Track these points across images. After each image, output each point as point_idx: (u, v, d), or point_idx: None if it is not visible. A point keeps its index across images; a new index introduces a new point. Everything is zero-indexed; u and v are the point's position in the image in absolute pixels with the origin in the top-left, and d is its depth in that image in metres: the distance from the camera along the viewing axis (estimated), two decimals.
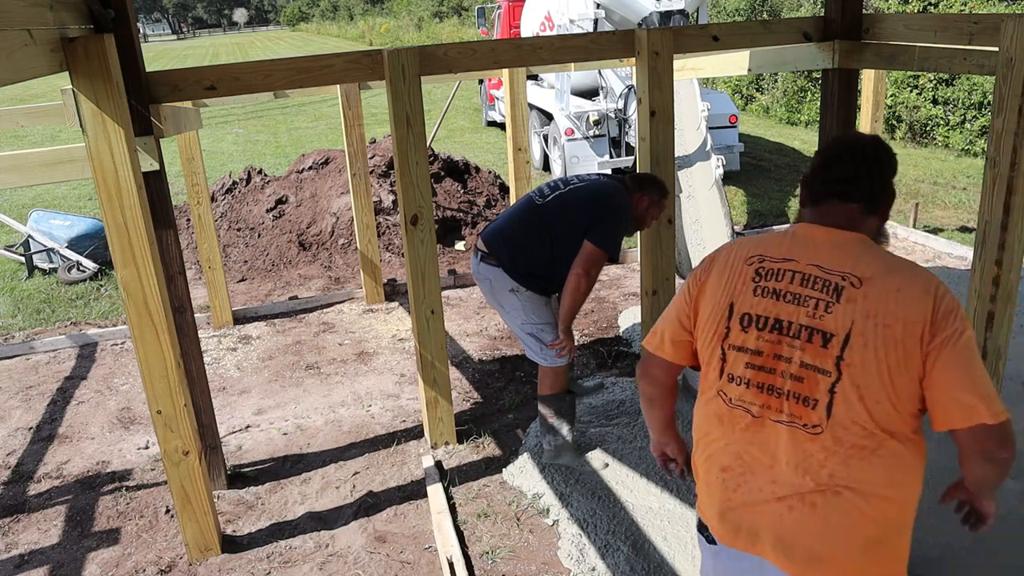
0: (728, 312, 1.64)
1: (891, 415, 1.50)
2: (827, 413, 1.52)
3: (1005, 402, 2.46)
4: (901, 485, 1.57)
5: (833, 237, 1.60)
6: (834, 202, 1.63)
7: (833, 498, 1.54)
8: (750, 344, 1.61)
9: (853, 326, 1.50)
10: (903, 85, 10.62)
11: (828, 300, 1.53)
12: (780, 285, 1.59)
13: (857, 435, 1.51)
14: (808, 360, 1.54)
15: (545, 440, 3.46)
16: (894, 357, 1.47)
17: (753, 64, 4.18)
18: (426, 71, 3.19)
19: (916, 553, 2.74)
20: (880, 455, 1.52)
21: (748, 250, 1.67)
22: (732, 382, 1.64)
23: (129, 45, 2.69)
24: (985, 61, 3.12)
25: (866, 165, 1.63)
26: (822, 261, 1.57)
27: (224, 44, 56.63)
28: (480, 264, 3.28)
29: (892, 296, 1.50)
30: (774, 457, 1.59)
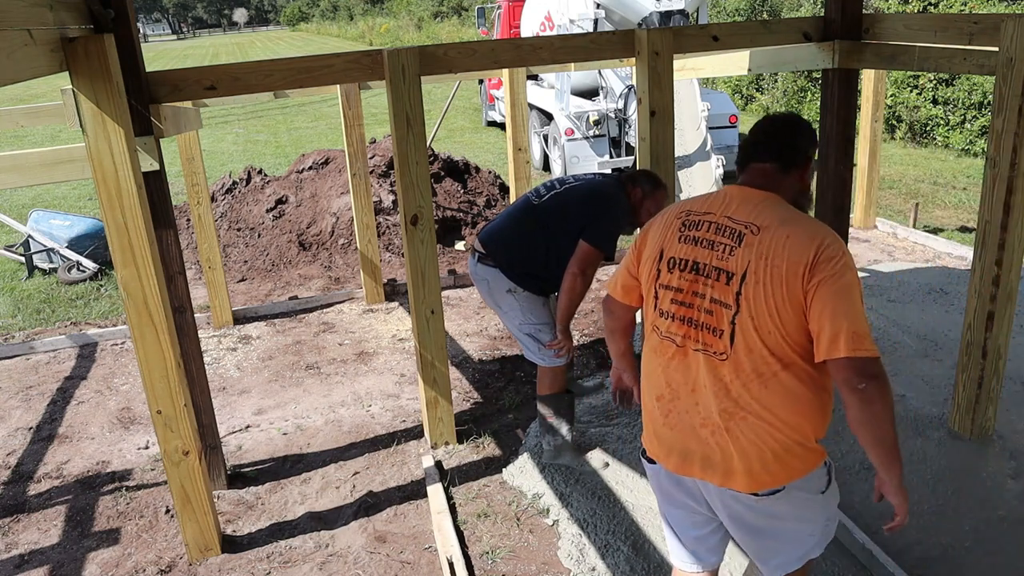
0: (659, 256, 1.93)
1: (780, 345, 1.73)
2: (730, 342, 1.77)
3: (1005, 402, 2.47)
4: (797, 413, 1.78)
5: (747, 194, 1.88)
6: (753, 164, 1.93)
7: (741, 422, 1.79)
8: (674, 283, 1.89)
9: (749, 266, 1.75)
10: (903, 85, 10.62)
11: (732, 245, 1.80)
12: (699, 233, 1.87)
13: (755, 362, 1.75)
14: (716, 296, 1.80)
15: (545, 440, 3.46)
16: (780, 293, 1.71)
17: (753, 64, 4.18)
18: (426, 71, 3.19)
19: (916, 553, 2.75)
20: (776, 382, 1.75)
21: (680, 207, 1.98)
22: (663, 317, 1.92)
23: (129, 45, 2.69)
24: (985, 61, 3.12)
25: (774, 130, 1.95)
26: (733, 213, 1.85)
27: (224, 44, 56.63)
28: (478, 265, 3.28)
29: (782, 242, 1.74)
30: (695, 383, 1.85)
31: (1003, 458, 3.24)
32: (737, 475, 1.81)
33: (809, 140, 1.96)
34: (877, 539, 2.78)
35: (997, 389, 3.31)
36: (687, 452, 1.89)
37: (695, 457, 1.88)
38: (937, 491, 3.08)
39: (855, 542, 2.76)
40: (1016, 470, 3.16)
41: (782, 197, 1.88)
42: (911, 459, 3.27)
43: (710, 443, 1.84)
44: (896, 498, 1.81)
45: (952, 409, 3.45)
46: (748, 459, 1.79)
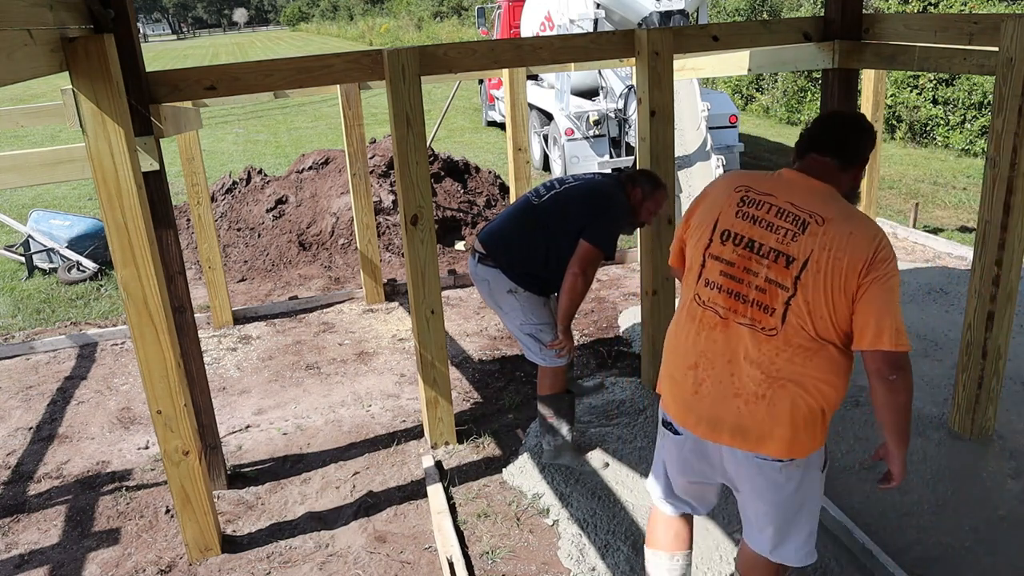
0: (713, 227, 1.99)
1: (828, 329, 1.86)
2: (782, 320, 1.88)
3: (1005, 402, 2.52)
4: (833, 379, 1.92)
5: (809, 183, 1.96)
6: (813, 155, 1.99)
7: (779, 390, 1.90)
8: (726, 255, 1.96)
9: (811, 254, 1.85)
10: (903, 85, 10.62)
11: (795, 231, 1.88)
12: (759, 213, 1.94)
13: (803, 340, 1.88)
14: (772, 276, 1.89)
15: (545, 440, 3.46)
16: (838, 284, 1.82)
17: (753, 64, 4.18)
18: (426, 71, 3.19)
19: (916, 553, 2.75)
20: (821, 356, 1.89)
21: (738, 181, 2.04)
22: (707, 286, 1.98)
23: (129, 45, 2.69)
24: (985, 61, 3.13)
25: (841, 128, 2.02)
26: (796, 200, 1.92)
27: (224, 44, 56.63)
28: (478, 265, 3.28)
29: (846, 236, 1.84)
30: (734, 353, 1.94)
31: (1003, 458, 3.24)
32: (772, 440, 1.92)
33: (870, 142, 2.03)
34: (877, 539, 2.78)
35: (997, 389, 3.31)
36: (717, 420, 1.98)
37: (725, 425, 1.97)
38: (937, 491, 3.08)
39: (855, 542, 2.76)
40: (1016, 470, 3.16)
41: (839, 191, 1.97)
42: (911, 459, 3.27)
43: (743, 412, 1.93)
44: (897, 469, 1.98)
45: (952, 409, 3.45)
46: (783, 426, 1.90)
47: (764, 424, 1.92)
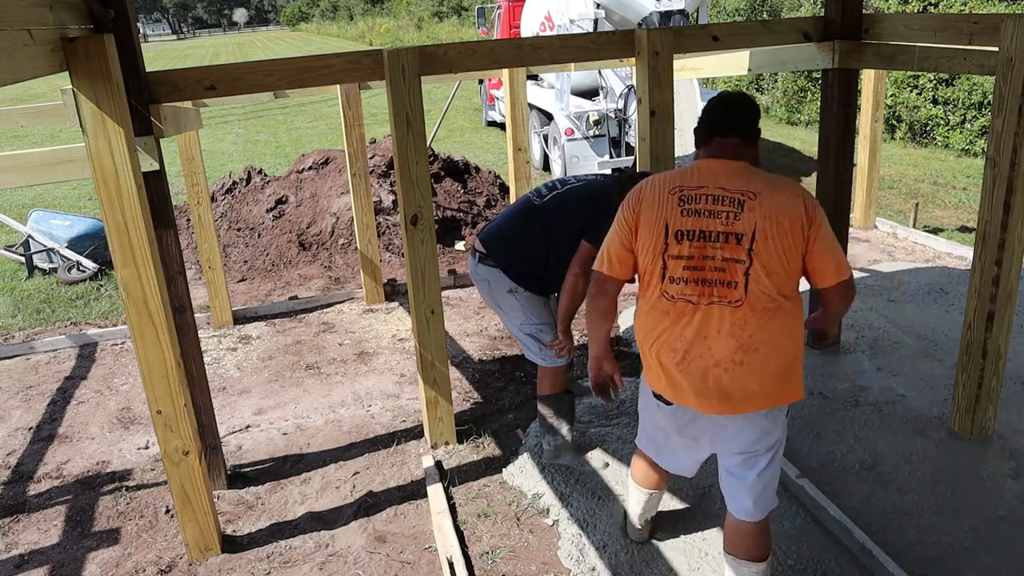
0: (664, 231, 2.19)
1: (785, 282, 2.13)
2: (745, 290, 2.12)
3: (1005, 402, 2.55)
4: (793, 331, 2.19)
5: (727, 166, 2.20)
6: (718, 139, 2.23)
7: (753, 354, 2.15)
8: (684, 252, 2.16)
9: (756, 226, 2.10)
10: (903, 85, 10.61)
11: (735, 211, 2.12)
12: (699, 206, 2.16)
13: (765, 302, 2.12)
14: (728, 255, 2.12)
15: (545, 440, 3.46)
16: (786, 242, 2.09)
17: (753, 64, 4.18)
18: (426, 71, 3.19)
19: (916, 553, 2.75)
20: (780, 314, 2.14)
21: (668, 183, 2.23)
22: (674, 283, 2.18)
23: (129, 45, 2.69)
24: (985, 61, 3.12)
25: (737, 111, 2.25)
26: (724, 184, 2.16)
27: (224, 44, 56.62)
28: (478, 265, 3.28)
29: (780, 201, 2.11)
30: (709, 330, 2.16)
31: (1003, 458, 3.24)
32: (754, 400, 2.18)
33: (758, 117, 2.30)
34: (877, 539, 2.78)
35: (997, 389, 3.31)
36: (704, 391, 2.20)
37: (712, 394, 2.19)
38: (937, 491, 3.08)
39: (855, 542, 2.76)
40: (1016, 470, 3.16)
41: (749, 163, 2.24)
42: (911, 459, 3.27)
43: (724, 380, 2.16)
44: (833, 329, 2.45)
45: (952, 409, 3.45)
46: (763, 384, 2.16)
47: (745, 387, 2.17)
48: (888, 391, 3.83)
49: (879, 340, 4.37)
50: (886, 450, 3.35)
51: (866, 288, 5.19)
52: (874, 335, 4.44)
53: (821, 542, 2.85)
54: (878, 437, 3.45)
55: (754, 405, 2.20)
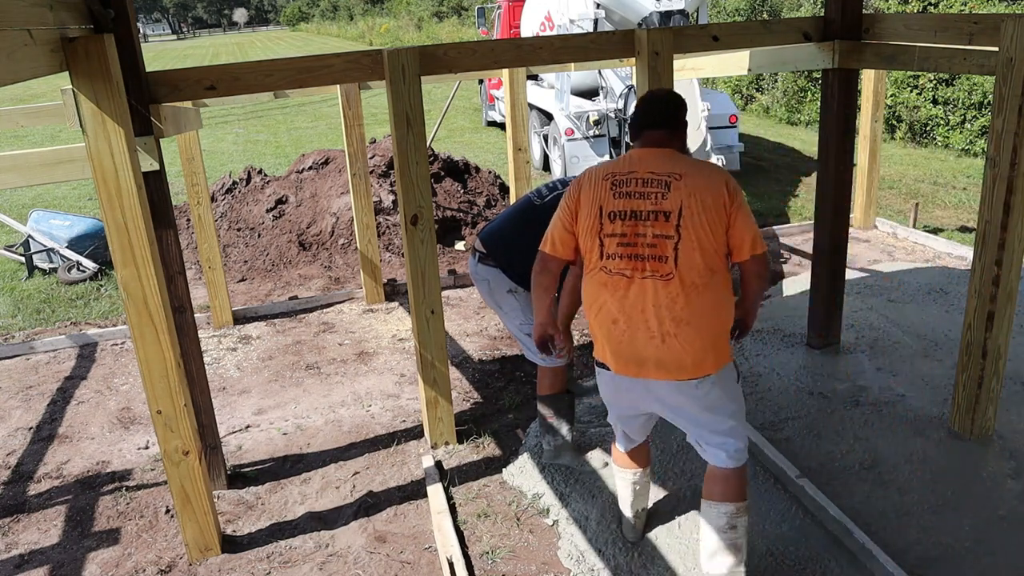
0: (599, 213, 2.41)
1: (712, 256, 2.31)
2: (675, 264, 2.31)
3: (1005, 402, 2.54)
4: (722, 305, 2.38)
5: (655, 153, 2.43)
6: (647, 132, 2.47)
7: (685, 327, 2.33)
8: (617, 230, 2.37)
9: (682, 204, 2.31)
10: (903, 85, 10.61)
11: (662, 191, 2.34)
12: (630, 188, 2.38)
13: (695, 276, 2.31)
14: (657, 232, 2.33)
15: (545, 440, 3.46)
16: (709, 217, 2.30)
17: (753, 64, 4.18)
18: (426, 71, 3.19)
19: (916, 553, 2.75)
20: (709, 288, 2.32)
21: (603, 171, 2.46)
22: (610, 259, 2.39)
23: (129, 45, 2.69)
24: (985, 61, 3.12)
25: (662, 104, 2.51)
26: (652, 168, 2.38)
27: (224, 44, 56.62)
28: (478, 265, 3.28)
29: (703, 181, 2.33)
30: (645, 303, 2.35)
31: (1003, 458, 3.24)
32: (685, 368, 2.36)
33: (684, 109, 2.54)
34: (877, 539, 2.78)
35: (997, 389, 3.31)
36: (642, 360, 2.40)
37: (649, 363, 2.39)
38: (937, 491, 3.08)
39: (855, 542, 2.76)
40: (1016, 470, 3.16)
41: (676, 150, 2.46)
42: (911, 459, 3.27)
43: (661, 348, 2.36)
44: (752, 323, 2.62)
45: (952, 409, 3.45)
46: (692, 354, 2.35)
47: (678, 357, 2.35)
48: (888, 391, 3.83)
49: (879, 340, 4.37)
50: (886, 450, 3.35)
51: (866, 288, 5.20)
52: (874, 335, 4.44)
53: (821, 542, 2.85)
54: (878, 437, 3.45)
55: (687, 373, 2.37)
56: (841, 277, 4.23)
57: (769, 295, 5.25)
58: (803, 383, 3.97)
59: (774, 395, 3.88)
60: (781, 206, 7.84)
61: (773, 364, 4.20)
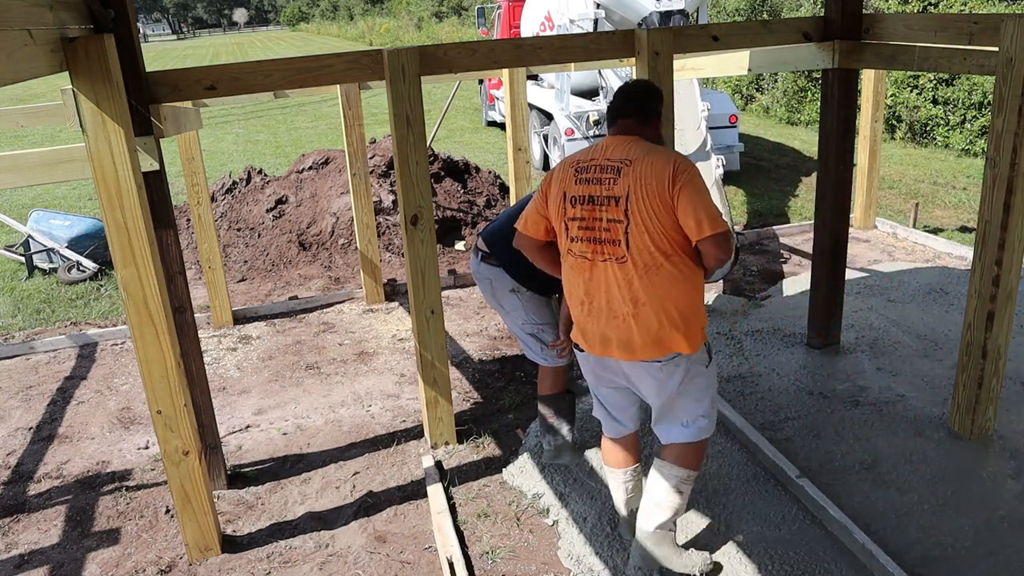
0: (563, 198, 2.52)
1: (661, 241, 2.35)
2: (627, 247, 2.38)
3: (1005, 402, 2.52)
4: (680, 294, 2.41)
5: (618, 140, 2.50)
6: (619, 120, 2.55)
7: (643, 308, 2.41)
8: (578, 214, 2.48)
9: (630, 189, 2.37)
10: (903, 85, 10.61)
11: (613, 177, 2.41)
12: (589, 175, 2.47)
13: (645, 258, 2.37)
14: (610, 216, 2.40)
15: (545, 440, 3.46)
16: (655, 202, 2.34)
17: (753, 64, 4.18)
18: (426, 71, 3.19)
19: (916, 553, 2.75)
20: (662, 271, 2.38)
21: (572, 159, 2.57)
22: (574, 241, 2.50)
23: (129, 45, 2.69)
24: (985, 61, 3.12)
25: (634, 94, 2.58)
26: (609, 156, 2.46)
27: (224, 44, 56.61)
28: (480, 264, 3.28)
29: (649, 166, 2.37)
30: (608, 284, 2.45)
31: (1003, 458, 3.24)
32: (646, 348, 2.43)
33: (658, 100, 2.60)
34: (877, 539, 2.78)
35: (997, 389, 3.31)
36: (606, 339, 2.49)
37: (612, 342, 2.48)
38: (937, 491, 3.08)
39: (855, 542, 2.76)
40: (1016, 470, 3.16)
41: (644, 138, 2.50)
42: (911, 459, 3.27)
43: (622, 329, 2.44)
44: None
45: (952, 409, 3.45)
46: (651, 334, 2.41)
47: (638, 337, 2.43)
48: (888, 391, 3.83)
49: (879, 340, 4.37)
50: (886, 450, 3.35)
51: (866, 288, 5.20)
52: (874, 335, 4.44)
53: (821, 543, 2.85)
54: (878, 437, 3.45)
55: (647, 353, 2.44)
56: (841, 277, 4.23)
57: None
58: (803, 383, 3.97)
59: (774, 395, 3.88)
60: (781, 206, 7.84)
61: (773, 364, 4.20)
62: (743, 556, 2.80)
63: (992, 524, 2.88)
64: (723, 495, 3.14)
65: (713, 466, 3.32)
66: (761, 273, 5.82)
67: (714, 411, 2.64)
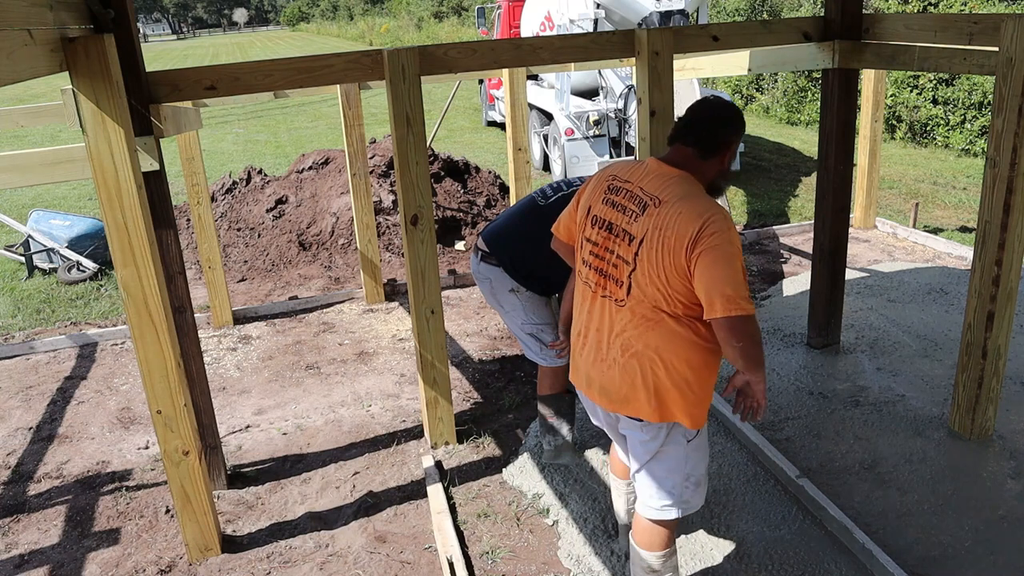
0: (587, 213, 2.27)
1: (662, 300, 2.06)
2: (627, 292, 2.11)
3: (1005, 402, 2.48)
4: (680, 350, 2.10)
5: (663, 170, 2.14)
6: (678, 144, 2.17)
7: (631, 359, 2.14)
8: (593, 237, 2.23)
9: (647, 233, 2.06)
10: (903, 85, 10.61)
11: (637, 212, 2.10)
12: (617, 198, 2.18)
13: (645, 310, 2.09)
14: (621, 253, 2.13)
15: (545, 440, 3.46)
16: (667, 260, 2.01)
17: (753, 64, 4.18)
18: (426, 71, 3.19)
19: (916, 553, 2.75)
20: (661, 327, 2.09)
21: (612, 170, 2.28)
22: (584, 264, 2.27)
23: (129, 45, 2.69)
24: (985, 61, 3.12)
25: (703, 120, 2.16)
26: (645, 185, 2.13)
27: (224, 44, 56.61)
28: (480, 264, 3.28)
29: (675, 216, 2.02)
30: (602, 322, 2.20)
31: (1003, 458, 3.24)
32: (626, 403, 2.18)
33: (731, 130, 2.17)
34: (877, 539, 2.78)
35: (997, 389, 3.31)
36: (591, 380, 2.28)
37: (596, 385, 2.26)
38: (937, 491, 3.08)
39: (855, 542, 2.76)
40: (1016, 470, 3.16)
41: (696, 178, 2.13)
42: (911, 459, 3.27)
43: (606, 375, 2.21)
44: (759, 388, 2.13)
45: (952, 409, 3.45)
46: (635, 391, 2.15)
47: (620, 388, 2.18)
48: (888, 391, 3.83)
49: (879, 340, 4.37)
50: (886, 450, 3.35)
51: (866, 288, 5.19)
52: (874, 335, 4.44)
53: (821, 543, 2.85)
54: (878, 437, 3.45)
55: (629, 409, 2.19)
56: (841, 277, 4.23)
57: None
58: (803, 383, 3.97)
59: (774, 395, 3.88)
60: (781, 206, 7.84)
61: (773, 364, 4.19)
62: (743, 556, 2.80)
63: (992, 524, 2.88)
64: (723, 495, 3.14)
65: (713, 466, 3.32)
66: (761, 273, 5.82)
67: (691, 492, 2.30)
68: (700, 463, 2.30)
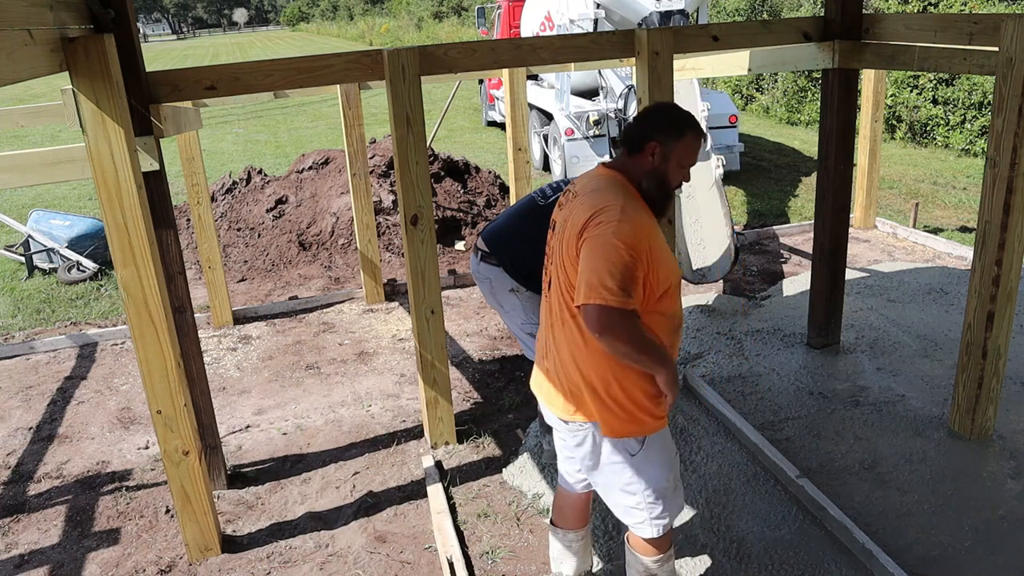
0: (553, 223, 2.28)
1: (568, 296, 2.05)
2: (549, 286, 2.19)
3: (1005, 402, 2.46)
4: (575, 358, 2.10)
5: (598, 171, 2.19)
6: (624, 147, 2.19)
7: (554, 356, 2.17)
8: (550, 239, 2.25)
9: (561, 225, 2.11)
10: (903, 85, 10.61)
11: (562, 207, 2.18)
12: (563, 200, 2.23)
13: (557, 306, 2.13)
14: (553, 246, 2.18)
15: (545, 440, 3.46)
16: (567, 250, 2.05)
17: (753, 64, 4.18)
18: (426, 71, 3.19)
19: (916, 553, 2.75)
20: (565, 326, 2.11)
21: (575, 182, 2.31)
22: (548, 266, 2.26)
23: (129, 45, 2.69)
24: (985, 61, 3.12)
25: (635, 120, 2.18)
26: (576, 186, 2.20)
27: (224, 44, 56.62)
28: (480, 264, 3.28)
29: (578, 207, 2.05)
30: (545, 319, 2.26)
31: (1003, 458, 3.24)
32: (554, 400, 2.20)
33: (651, 125, 2.11)
34: (877, 539, 2.78)
35: (997, 389, 3.31)
36: (537, 378, 2.32)
37: (537, 382, 2.32)
38: (937, 491, 3.08)
39: (855, 542, 2.76)
40: (1016, 470, 3.16)
41: (629, 179, 2.11)
42: (911, 459, 3.27)
43: (545, 373, 2.25)
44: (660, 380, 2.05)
45: (952, 409, 3.45)
46: (555, 388, 2.18)
47: (549, 386, 2.22)
48: (888, 391, 3.83)
49: (879, 340, 4.37)
50: (886, 450, 3.35)
51: (866, 288, 5.19)
52: (874, 335, 4.44)
53: (821, 543, 2.85)
54: (878, 437, 3.45)
55: (555, 407, 2.21)
56: (841, 277, 4.23)
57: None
58: (803, 383, 3.97)
59: (774, 395, 3.88)
60: (781, 206, 7.84)
61: (773, 364, 4.19)
62: (743, 556, 2.80)
63: (992, 524, 2.88)
64: (723, 495, 3.14)
65: (713, 466, 3.32)
66: (761, 273, 5.82)
67: (659, 507, 2.20)
68: (658, 477, 2.18)
